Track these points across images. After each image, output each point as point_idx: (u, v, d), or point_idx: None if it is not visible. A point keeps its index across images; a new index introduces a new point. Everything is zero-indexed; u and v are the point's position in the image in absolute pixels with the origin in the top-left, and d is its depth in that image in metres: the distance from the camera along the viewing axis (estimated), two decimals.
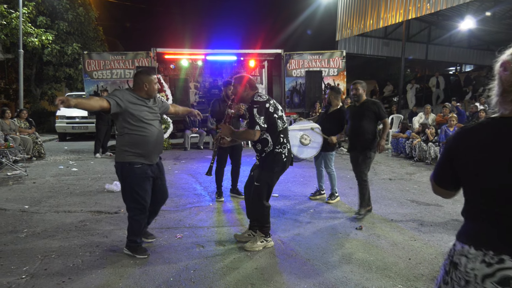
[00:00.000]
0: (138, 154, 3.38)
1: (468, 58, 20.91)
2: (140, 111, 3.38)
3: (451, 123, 8.25)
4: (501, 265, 1.27)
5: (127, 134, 3.36)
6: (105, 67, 11.07)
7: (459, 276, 1.38)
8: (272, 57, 12.84)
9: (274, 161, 3.65)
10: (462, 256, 1.39)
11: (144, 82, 3.44)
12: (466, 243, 1.39)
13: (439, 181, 1.57)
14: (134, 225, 3.54)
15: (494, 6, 14.05)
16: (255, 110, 3.52)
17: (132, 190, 3.41)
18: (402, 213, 5.07)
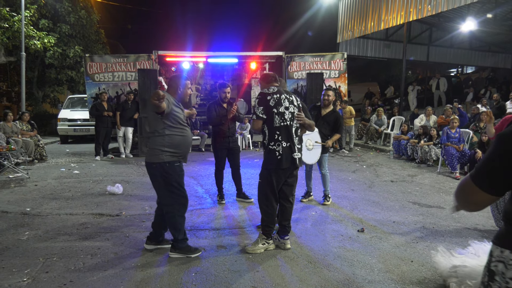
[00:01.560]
0: (177, 154, 3.52)
1: (470, 60, 20.87)
2: (179, 113, 3.55)
3: (453, 125, 8.22)
4: None
5: (168, 135, 3.46)
6: (107, 70, 11.08)
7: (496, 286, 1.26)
8: (274, 59, 12.84)
9: (268, 158, 3.67)
10: (500, 262, 1.28)
11: (179, 86, 3.63)
12: (506, 247, 1.27)
13: (488, 185, 1.33)
14: (181, 222, 3.61)
15: (495, 7, 14.03)
16: (256, 101, 3.62)
17: (175, 188, 3.53)
18: (404, 215, 5.06)
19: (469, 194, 1.38)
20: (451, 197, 6.07)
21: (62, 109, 14.19)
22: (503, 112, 10.64)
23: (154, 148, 3.48)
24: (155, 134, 3.50)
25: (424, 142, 9.10)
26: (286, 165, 3.62)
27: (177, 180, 3.54)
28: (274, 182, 3.69)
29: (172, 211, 3.57)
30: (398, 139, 10.26)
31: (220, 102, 5.42)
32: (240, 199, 5.70)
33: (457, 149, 7.90)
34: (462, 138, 8.11)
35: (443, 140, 8.25)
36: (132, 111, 10.06)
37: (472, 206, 1.42)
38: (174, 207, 3.57)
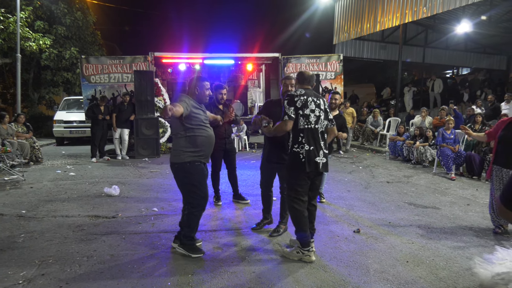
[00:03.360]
0: (199, 154, 3.59)
1: (465, 61, 20.97)
2: (199, 114, 3.62)
3: (448, 126, 8.27)
4: None
5: (189, 136, 3.55)
6: (103, 71, 11.07)
7: None
8: (270, 60, 12.88)
9: (292, 160, 3.57)
10: None
11: (196, 87, 3.67)
12: None
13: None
14: (195, 221, 3.69)
15: (490, 9, 14.12)
16: (285, 102, 3.59)
17: (196, 188, 3.59)
18: (399, 216, 5.08)
19: (501, 213, 1.53)
20: (446, 197, 6.11)
21: (58, 111, 14.14)
22: (498, 113, 10.71)
23: (177, 149, 3.60)
24: (177, 136, 3.62)
25: (420, 143, 9.15)
26: (309, 169, 3.51)
27: (198, 180, 3.61)
28: (300, 186, 3.57)
29: (190, 210, 3.65)
30: (394, 140, 10.31)
31: (216, 103, 5.41)
32: (237, 200, 5.71)
33: (453, 150, 7.95)
34: (457, 139, 8.16)
35: (438, 141, 8.30)
36: (128, 113, 10.04)
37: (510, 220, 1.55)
38: (193, 206, 3.64)
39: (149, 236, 4.25)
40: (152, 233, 4.33)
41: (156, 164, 9.12)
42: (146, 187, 6.70)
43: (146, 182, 7.08)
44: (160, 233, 4.33)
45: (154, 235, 4.28)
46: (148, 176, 7.73)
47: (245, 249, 3.89)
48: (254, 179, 7.32)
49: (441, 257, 3.70)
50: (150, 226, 4.57)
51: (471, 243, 4.11)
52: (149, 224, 4.66)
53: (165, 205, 5.51)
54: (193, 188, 3.61)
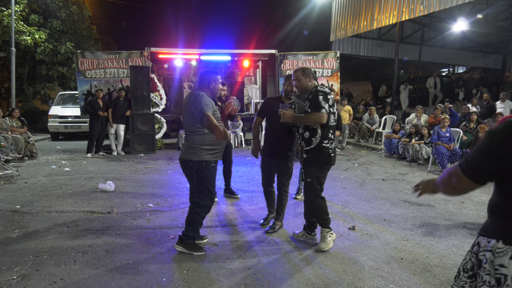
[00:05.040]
0: (215, 152, 3.54)
1: (461, 60, 21.06)
2: (216, 111, 3.54)
3: (443, 124, 8.31)
4: None
5: (208, 133, 3.44)
6: (99, 66, 10.99)
7: (485, 274, 1.38)
8: (267, 57, 12.86)
9: (320, 155, 3.67)
10: (488, 251, 1.39)
11: (211, 81, 3.59)
12: (493, 237, 1.40)
13: (474, 174, 1.48)
14: (199, 221, 3.66)
15: (486, 8, 14.17)
16: (321, 97, 3.59)
17: (207, 189, 3.55)
18: (394, 213, 5.10)
19: (457, 181, 1.52)
20: (441, 195, 6.12)
21: (53, 106, 14.05)
22: (493, 112, 10.77)
23: (193, 146, 3.47)
24: (193, 132, 3.48)
25: (415, 141, 9.19)
26: (334, 162, 3.77)
27: (210, 181, 3.56)
28: (324, 179, 3.80)
29: (195, 208, 3.61)
30: (389, 138, 10.34)
31: (215, 99, 5.42)
32: (228, 195, 5.78)
33: (448, 148, 7.99)
34: (452, 137, 8.20)
35: (433, 139, 8.33)
36: (124, 108, 10.00)
37: (457, 191, 1.58)
38: (199, 205, 3.59)
39: (145, 232, 4.24)
40: (147, 229, 4.32)
41: (152, 160, 9.10)
42: (141, 183, 6.68)
43: (141, 178, 7.06)
44: (155, 229, 4.32)
45: (149, 231, 4.27)
46: (144, 172, 7.70)
47: (241, 245, 3.90)
48: (250, 176, 7.33)
49: (436, 254, 3.72)
50: (145, 222, 4.57)
51: (465, 240, 4.13)
52: (145, 220, 4.66)
53: (161, 201, 5.50)
54: (203, 188, 3.54)
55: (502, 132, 1.43)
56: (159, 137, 10.86)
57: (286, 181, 4.32)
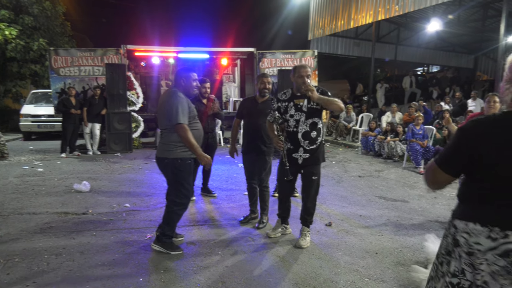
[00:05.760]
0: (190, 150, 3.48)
1: (435, 59, 21.62)
2: (192, 108, 3.52)
3: (417, 122, 8.51)
4: (506, 239, 1.44)
5: None
6: (73, 64, 10.73)
7: (460, 250, 1.56)
8: (245, 55, 12.85)
9: (324, 153, 3.83)
10: (465, 233, 1.54)
11: (182, 78, 3.57)
12: (470, 220, 1.54)
13: (448, 167, 1.63)
14: (175, 219, 3.63)
15: (459, 9, 14.60)
16: (329, 93, 3.68)
17: (183, 186, 3.52)
18: (370, 209, 5.20)
19: (434, 175, 1.69)
20: (415, 191, 6.30)
21: (25, 105, 13.61)
22: (465, 110, 11.10)
23: (168, 144, 3.46)
24: (168, 130, 3.47)
25: (390, 139, 9.38)
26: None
27: (186, 179, 3.53)
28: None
29: (172, 206, 3.57)
30: (366, 136, 10.52)
31: (200, 98, 5.40)
32: (205, 194, 5.76)
33: (421, 145, 8.20)
34: (426, 135, 8.42)
35: (408, 137, 8.53)
36: (99, 107, 9.79)
37: (435, 185, 1.73)
38: (175, 203, 3.57)
39: (121, 232, 4.18)
40: (123, 230, 4.26)
41: (129, 160, 8.96)
42: (118, 182, 6.58)
43: (118, 178, 6.95)
44: (132, 229, 4.26)
45: (126, 231, 4.21)
46: (120, 171, 7.58)
47: (219, 243, 3.90)
48: (228, 174, 7.32)
49: (409, 248, 3.82)
50: (121, 223, 4.50)
51: (437, 234, 4.25)
52: (121, 220, 4.59)
53: (138, 201, 5.43)
54: (179, 186, 3.52)
55: (471, 128, 1.56)
56: (136, 136, 10.70)
57: (265, 177, 4.41)
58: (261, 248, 3.79)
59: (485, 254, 1.48)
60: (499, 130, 1.49)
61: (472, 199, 1.60)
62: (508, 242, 1.44)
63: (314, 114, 3.65)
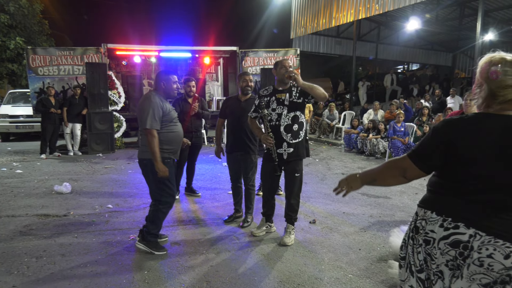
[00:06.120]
0: (168, 151, 3.54)
1: (415, 57, 22.02)
2: (169, 110, 3.55)
3: (399, 119, 8.67)
4: (456, 230, 1.53)
5: (159, 133, 3.46)
6: (52, 63, 10.51)
7: (419, 238, 1.64)
8: (228, 54, 12.82)
9: (307, 148, 3.87)
10: (423, 220, 1.64)
11: (162, 81, 3.59)
12: (429, 208, 1.64)
13: (422, 163, 1.69)
14: (161, 218, 3.62)
15: (436, 8, 14.89)
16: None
17: (165, 185, 3.53)
18: (353, 206, 5.27)
19: (405, 170, 1.73)
20: (396, 187, 6.40)
21: (2, 105, 13.24)
22: (444, 107, 11.34)
23: (146, 145, 3.47)
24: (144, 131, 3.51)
25: (373, 136, 9.52)
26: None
27: (167, 177, 3.51)
28: None
29: (157, 205, 3.58)
30: (348, 133, 10.65)
31: (185, 97, 5.37)
32: (189, 193, 5.73)
33: (403, 142, 8.35)
34: (407, 132, 8.58)
35: (389, 134, 8.68)
36: (80, 107, 9.61)
37: (403, 180, 1.76)
38: (160, 202, 3.57)
39: (103, 234, 4.12)
40: (106, 231, 4.21)
41: (111, 160, 8.83)
42: (100, 183, 6.48)
43: (100, 179, 6.85)
44: (114, 231, 4.21)
45: (108, 232, 4.16)
46: (102, 172, 7.47)
47: (203, 243, 3.89)
48: (212, 173, 7.30)
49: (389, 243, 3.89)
50: (104, 224, 4.44)
51: None
52: (103, 221, 4.53)
53: (120, 202, 5.36)
54: (161, 185, 3.53)
55: (444, 126, 1.63)
56: (118, 136, 10.54)
57: (251, 176, 4.42)
58: (246, 246, 3.80)
59: (439, 243, 1.56)
60: (469, 130, 1.56)
61: (436, 189, 1.69)
62: (458, 233, 1.51)
63: (296, 108, 3.69)
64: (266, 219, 4.13)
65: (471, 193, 1.55)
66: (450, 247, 1.53)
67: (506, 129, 1.51)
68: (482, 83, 1.61)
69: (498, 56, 1.57)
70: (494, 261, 1.45)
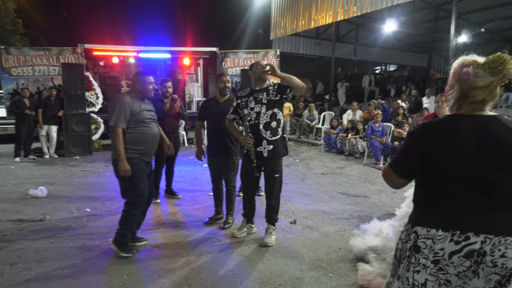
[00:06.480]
0: (138, 152, 3.52)
1: (392, 58, 22.45)
2: (141, 111, 3.54)
3: (376, 119, 8.81)
4: (467, 241, 1.50)
5: (129, 133, 3.47)
6: (26, 63, 10.24)
7: (422, 257, 1.58)
8: (208, 55, 12.77)
9: (286, 146, 3.88)
10: (428, 239, 1.57)
11: (138, 82, 3.58)
12: (433, 227, 1.57)
13: (402, 172, 1.71)
14: (130, 218, 3.58)
15: (412, 11, 15.25)
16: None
17: (134, 185, 3.49)
18: (333, 205, 5.34)
19: (389, 178, 1.78)
20: (375, 186, 6.53)
21: None
22: (420, 107, 11.62)
23: None
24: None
25: (352, 136, 9.66)
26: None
27: (136, 177, 3.49)
28: None
29: (128, 206, 3.56)
30: (328, 134, 10.76)
31: (162, 98, 5.31)
32: (169, 196, 5.67)
33: (381, 142, 8.50)
34: (385, 132, 8.74)
35: (368, 134, 8.82)
36: (56, 108, 9.39)
37: (393, 186, 1.80)
38: (130, 203, 3.55)
39: (81, 238, 4.04)
40: (84, 235, 4.12)
41: (89, 163, 8.66)
42: (77, 187, 6.34)
43: (77, 182, 6.70)
44: (92, 235, 4.13)
45: (86, 237, 4.08)
46: (80, 175, 7.32)
47: (184, 245, 3.86)
48: (193, 175, 7.26)
49: None
50: (81, 228, 4.35)
51: None
52: (81, 226, 4.44)
53: (99, 205, 5.27)
54: (130, 185, 3.50)
55: (418, 131, 1.66)
56: (96, 138, 10.35)
57: (232, 177, 4.42)
58: (227, 248, 3.80)
59: (451, 257, 1.52)
60: (442, 133, 1.58)
61: (426, 202, 1.66)
62: (470, 244, 1.50)
63: (274, 105, 3.73)
64: (247, 220, 4.14)
65: (462, 198, 1.55)
66: (464, 259, 1.51)
67: (478, 129, 1.54)
68: (454, 84, 1.64)
69: (470, 59, 1.60)
70: (507, 259, 1.47)
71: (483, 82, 1.55)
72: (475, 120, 1.57)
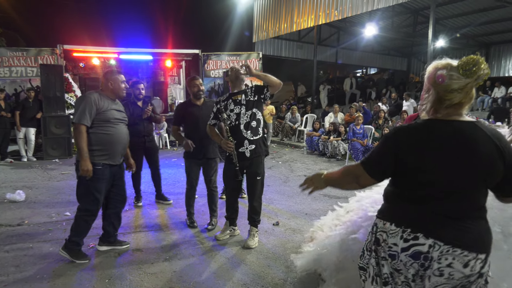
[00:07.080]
0: (102, 153, 3.38)
1: (372, 62, 22.86)
2: (108, 110, 3.40)
3: (358, 122, 8.97)
4: (415, 241, 1.52)
5: (91, 133, 3.33)
6: (2, 64, 10.01)
7: (381, 251, 1.62)
8: (190, 57, 12.73)
9: (267, 145, 3.91)
10: (384, 232, 1.61)
11: (109, 81, 3.49)
12: (388, 220, 1.62)
13: (375, 174, 1.70)
14: (82, 226, 3.47)
15: (392, 15, 15.56)
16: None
17: (89, 191, 3.38)
18: (315, 207, 5.40)
19: (358, 177, 1.73)
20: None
21: None
22: (400, 109, 11.87)
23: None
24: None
25: (333, 138, 9.78)
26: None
27: (95, 184, 3.36)
28: None
29: (78, 213, 3.46)
30: (310, 136, 10.87)
31: (135, 100, 5.24)
32: (159, 201, 5.57)
33: (362, 144, 8.64)
34: (366, 134, 8.89)
35: (349, 136, 8.96)
36: (34, 110, 9.19)
37: (356, 186, 1.77)
38: (80, 209, 3.47)
39: (61, 242, 3.93)
40: (64, 240, 4.03)
41: (68, 165, 8.49)
42: (56, 190, 6.22)
43: (56, 185, 6.58)
44: None
45: None
46: (59, 178, 7.18)
47: (166, 248, 3.84)
48: (176, 178, 7.22)
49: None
50: (61, 232, 4.28)
51: None
52: (61, 230, 4.36)
53: None
54: (85, 190, 3.39)
55: (394, 134, 1.67)
56: None
57: (213, 177, 4.43)
58: (210, 251, 3.80)
59: (400, 255, 1.55)
60: (418, 138, 1.58)
61: (392, 199, 1.69)
62: (417, 244, 1.51)
63: (253, 106, 3.78)
64: (230, 223, 4.15)
65: (427, 201, 1.55)
66: (412, 259, 1.52)
67: (455, 135, 1.54)
68: (430, 87, 1.63)
69: (444, 62, 1.60)
70: (454, 270, 1.48)
71: (458, 84, 1.54)
72: (452, 125, 1.56)
